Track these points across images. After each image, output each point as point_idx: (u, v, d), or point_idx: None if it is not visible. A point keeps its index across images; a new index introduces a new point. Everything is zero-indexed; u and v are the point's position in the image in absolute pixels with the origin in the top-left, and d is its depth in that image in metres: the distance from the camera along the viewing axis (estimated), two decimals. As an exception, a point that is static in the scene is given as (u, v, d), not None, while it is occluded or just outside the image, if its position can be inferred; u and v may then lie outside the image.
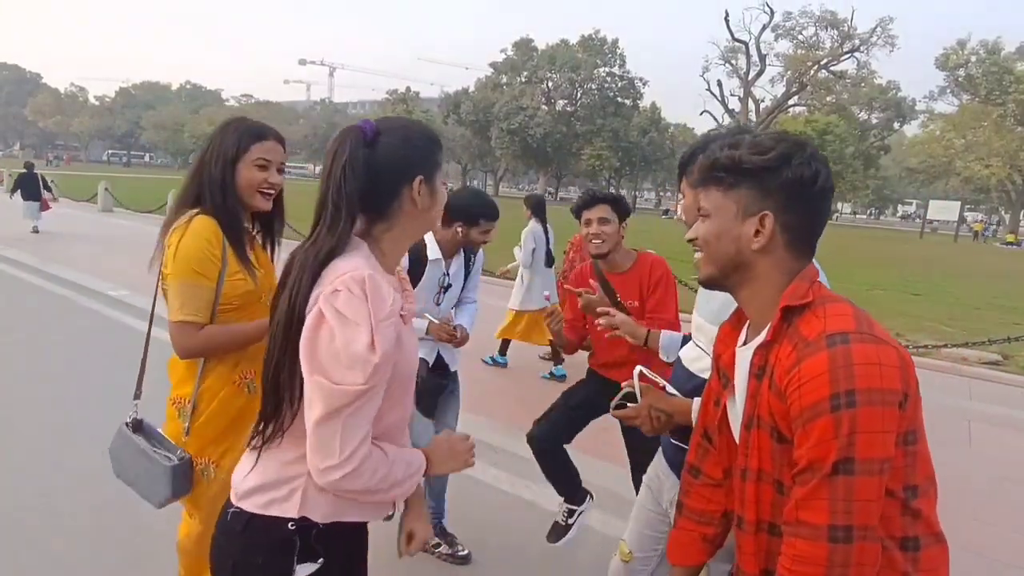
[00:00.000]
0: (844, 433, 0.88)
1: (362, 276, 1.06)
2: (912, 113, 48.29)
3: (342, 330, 1.04)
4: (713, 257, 1.09)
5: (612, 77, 47.45)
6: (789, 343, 0.97)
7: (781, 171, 1.01)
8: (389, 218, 1.19)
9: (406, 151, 1.18)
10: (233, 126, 1.69)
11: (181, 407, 1.66)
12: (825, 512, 0.89)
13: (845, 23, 38.59)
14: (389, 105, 57.01)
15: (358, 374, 1.02)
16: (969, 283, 14.04)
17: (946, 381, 5.90)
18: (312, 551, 1.12)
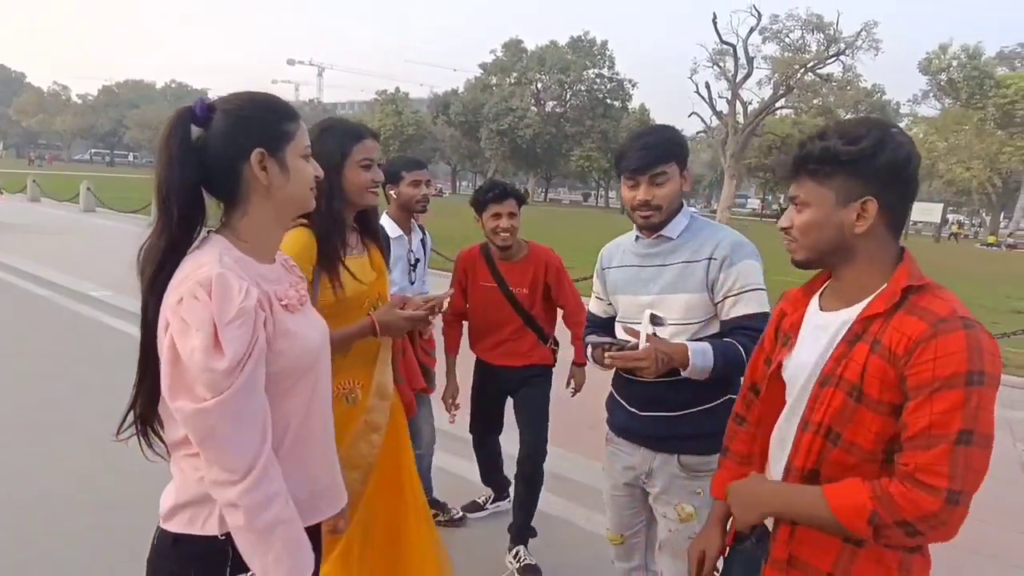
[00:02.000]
0: (972, 407, 0.97)
1: (208, 277, 0.99)
2: (897, 116, 48.90)
3: (183, 340, 0.98)
4: (812, 243, 1.15)
5: (601, 79, 47.65)
6: (910, 315, 1.04)
7: (877, 157, 1.07)
8: (241, 203, 1.11)
9: (237, 125, 1.09)
10: (329, 132, 1.66)
11: None
12: (946, 477, 0.97)
13: (831, 26, 38.95)
14: (378, 105, 56.83)
15: (209, 385, 0.96)
16: (950, 284, 14.11)
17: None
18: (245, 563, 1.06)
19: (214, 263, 1.02)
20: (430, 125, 54.26)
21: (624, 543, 1.90)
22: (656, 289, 1.70)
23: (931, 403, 0.98)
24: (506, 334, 2.59)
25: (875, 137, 1.07)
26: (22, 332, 5.69)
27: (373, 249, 1.82)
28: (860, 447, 1.09)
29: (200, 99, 1.11)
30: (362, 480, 1.69)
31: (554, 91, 47.06)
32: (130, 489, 2.91)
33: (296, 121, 1.15)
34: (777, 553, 1.17)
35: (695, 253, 1.67)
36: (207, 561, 1.07)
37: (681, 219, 1.72)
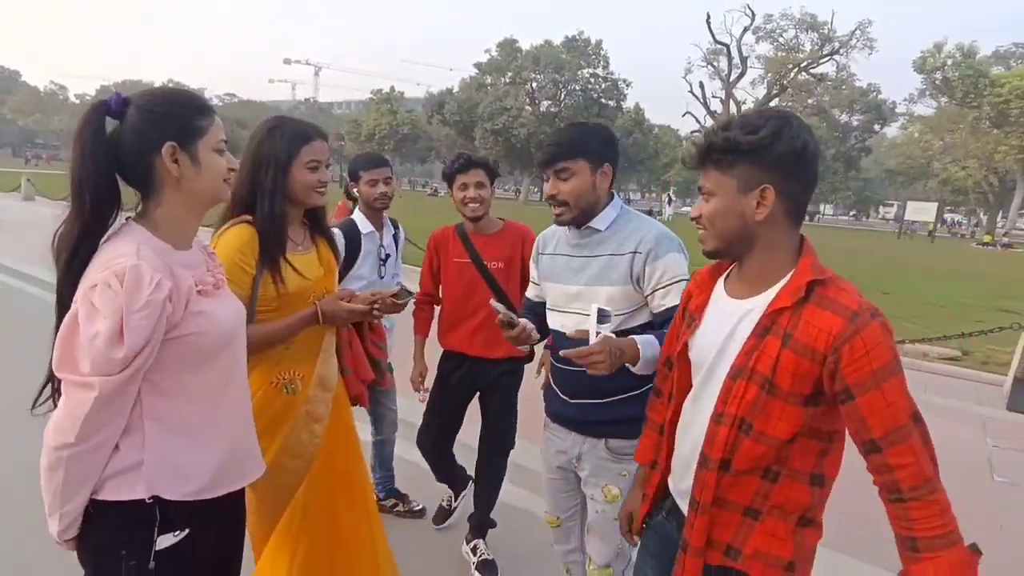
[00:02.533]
0: (907, 389, 1.04)
1: (123, 268, 1.07)
2: (893, 115, 49.00)
3: (88, 323, 1.06)
4: (719, 232, 1.19)
5: (596, 78, 47.58)
6: (823, 310, 1.08)
7: (774, 146, 1.11)
8: (155, 192, 1.18)
9: (149, 119, 1.15)
10: (279, 131, 1.67)
11: None
12: (931, 460, 1.03)
13: (825, 26, 39.11)
14: (373, 104, 56.77)
15: (98, 367, 1.05)
16: (940, 282, 14.28)
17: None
18: (173, 522, 1.18)
19: (131, 254, 1.08)
20: (425, 124, 54.20)
21: (560, 525, 1.97)
22: (583, 280, 1.73)
23: (883, 395, 1.03)
24: (481, 318, 2.47)
25: (773, 127, 1.11)
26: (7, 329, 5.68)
27: (322, 246, 1.85)
28: (772, 436, 1.13)
29: (116, 93, 1.17)
30: (303, 469, 1.72)
31: (549, 91, 47.00)
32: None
33: (209, 116, 1.21)
34: (696, 542, 1.19)
35: (620, 246, 1.70)
36: (136, 524, 1.15)
37: (610, 211, 1.74)
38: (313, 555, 1.76)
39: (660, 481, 1.40)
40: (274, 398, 1.70)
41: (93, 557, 1.18)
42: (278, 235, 1.66)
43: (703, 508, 1.18)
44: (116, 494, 1.14)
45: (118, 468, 1.14)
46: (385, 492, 3.02)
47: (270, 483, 1.65)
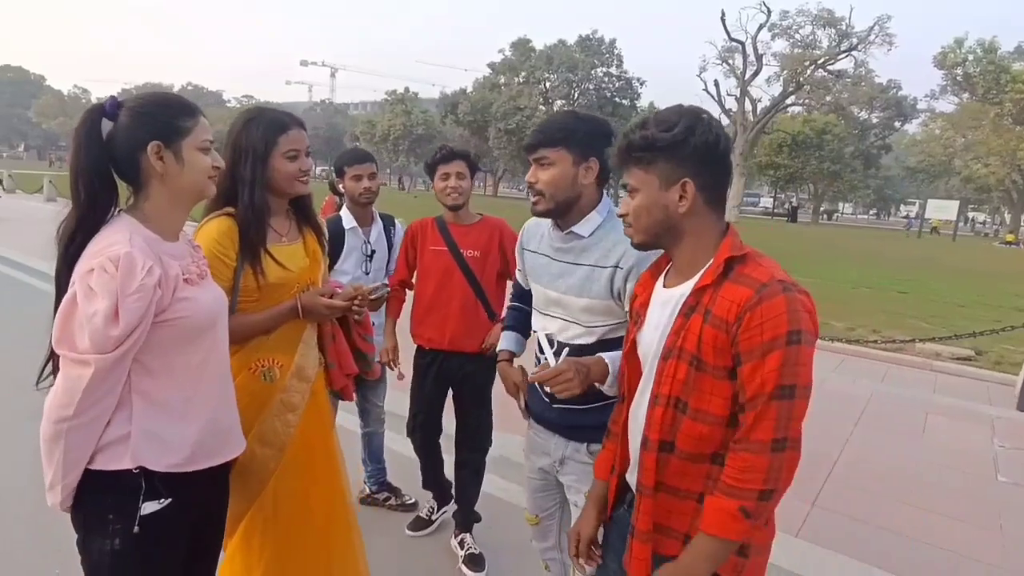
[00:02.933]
0: (791, 363, 1.06)
1: (118, 254, 1.18)
2: (913, 112, 48.16)
3: (87, 304, 1.16)
4: (645, 226, 1.23)
5: (610, 77, 47.45)
6: (736, 284, 1.12)
7: (689, 141, 1.16)
8: (144, 187, 1.30)
9: (135, 121, 1.26)
10: (255, 121, 1.67)
11: None
12: (771, 430, 1.07)
13: (842, 22, 38.50)
14: (388, 105, 57.11)
15: (97, 344, 1.16)
16: (958, 282, 14.03)
17: (914, 375, 5.95)
18: (157, 491, 1.28)
19: (124, 242, 1.20)
20: (439, 125, 54.39)
21: (540, 524, 1.94)
22: (563, 288, 1.67)
23: (762, 364, 1.07)
24: (454, 309, 2.45)
25: (686, 124, 1.16)
26: (25, 324, 5.82)
27: (309, 236, 1.84)
28: (708, 413, 1.15)
29: (112, 97, 1.29)
30: (275, 458, 1.72)
31: (562, 90, 46.95)
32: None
33: (194, 117, 1.31)
34: (642, 525, 1.22)
35: (602, 258, 1.61)
36: (122, 491, 1.26)
37: (595, 217, 1.65)
38: (285, 547, 1.75)
39: (619, 479, 1.40)
40: (251, 384, 1.70)
41: (84, 522, 1.28)
42: (258, 226, 1.66)
43: (647, 491, 1.21)
44: (106, 464, 1.24)
45: (108, 440, 1.24)
46: (377, 485, 3.03)
47: (239, 470, 1.67)
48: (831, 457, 3.80)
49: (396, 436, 3.52)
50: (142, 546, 1.27)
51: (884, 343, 6.89)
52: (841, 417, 4.57)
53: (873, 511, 3.20)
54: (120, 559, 1.27)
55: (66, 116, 78.91)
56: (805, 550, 2.79)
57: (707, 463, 1.18)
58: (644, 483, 1.22)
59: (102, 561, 1.28)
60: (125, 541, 1.26)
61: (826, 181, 47.99)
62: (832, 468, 3.66)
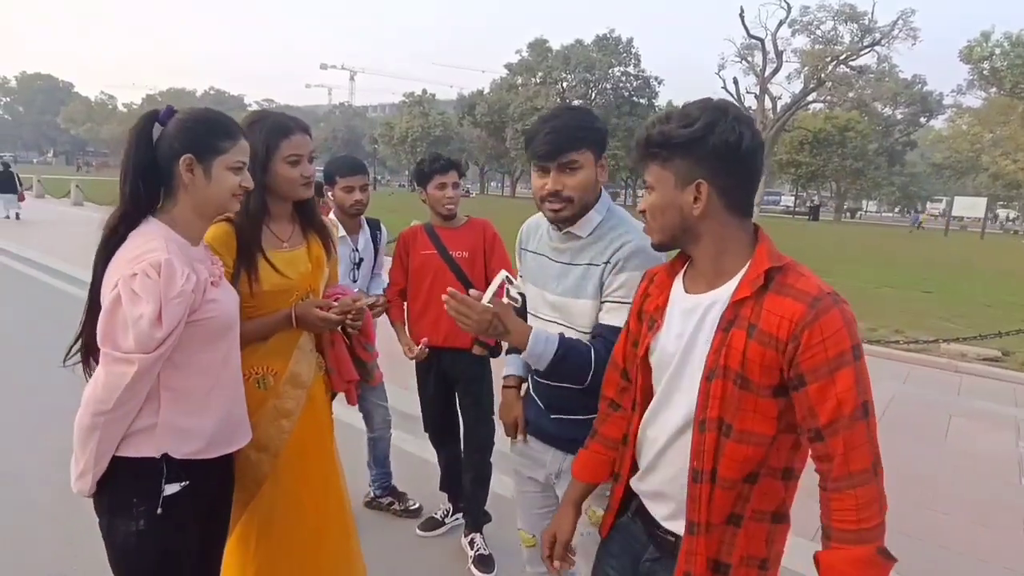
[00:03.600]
0: (862, 379, 1.01)
1: (159, 261, 1.26)
2: (939, 108, 47.15)
3: (132, 307, 1.25)
4: (661, 226, 1.17)
5: (627, 76, 47.19)
6: (783, 296, 1.05)
7: (707, 139, 1.08)
8: (173, 194, 1.39)
9: (177, 132, 1.36)
10: (258, 125, 1.64)
11: None
12: (868, 455, 1.01)
13: (865, 16, 37.79)
14: (406, 107, 57.45)
15: (142, 344, 1.25)
16: (984, 281, 13.69)
17: (937, 376, 5.82)
18: (177, 475, 1.38)
19: (162, 249, 1.29)
20: (456, 126, 54.59)
21: (536, 545, 1.80)
22: (560, 290, 1.59)
23: (834, 384, 1.00)
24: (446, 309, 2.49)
25: (707, 120, 1.08)
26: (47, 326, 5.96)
27: (314, 242, 1.81)
28: (753, 433, 1.08)
29: (168, 106, 1.40)
30: (268, 463, 1.72)
31: (579, 90, 46.77)
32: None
33: (233, 140, 1.41)
34: (698, 569, 1.13)
35: (598, 256, 1.54)
36: (145, 476, 1.35)
37: (594, 216, 1.56)
38: (277, 549, 1.74)
39: (624, 486, 1.33)
40: (247, 391, 1.65)
41: (109, 506, 1.37)
42: (254, 231, 1.64)
43: (702, 529, 1.11)
44: (134, 451, 1.33)
45: (136, 429, 1.33)
46: (381, 489, 3.02)
47: (235, 473, 1.66)
48: (849, 460, 3.73)
49: (407, 436, 3.54)
50: (164, 527, 1.36)
51: (907, 343, 6.75)
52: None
53: (892, 515, 3.09)
54: (144, 539, 1.36)
55: (93, 122, 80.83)
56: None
57: (740, 485, 1.10)
58: (699, 520, 1.11)
59: (128, 542, 1.36)
60: (149, 522, 1.35)
61: (849, 179, 47.22)
62: (850, 471, 3.58)
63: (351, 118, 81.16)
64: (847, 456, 1.01)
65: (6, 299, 7.22)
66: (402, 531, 2.84)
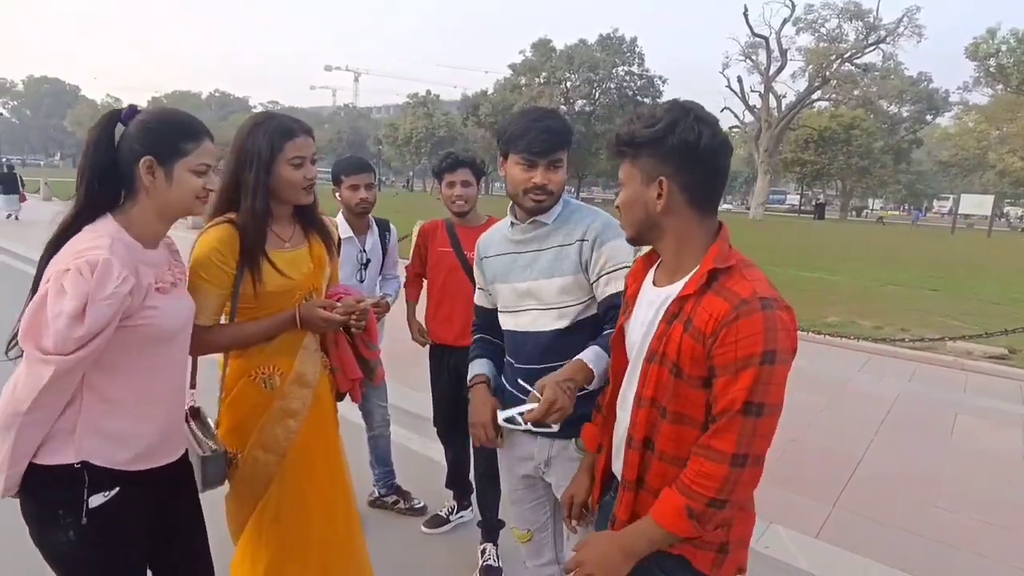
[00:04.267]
0: (763, 382, 1.06)
1: (97, 260, 1.20)
2: (945, 105, 46.87)
3: (55, 303, 1.18)
4: (630, 221, 1.24)
5: (631, 76, 47.05)
6: (717, 296, 1.11)
7: (667, 139, 1.14)
8: (133, 195, 1.35)
9: (138, 133, 1.32)
10: (261, 127, 1.63)
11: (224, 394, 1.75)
12: (733, 443, 1.08)
13: (870, 14, 37.66)
14: (410, 108, 57.54)
15: (59, 344, 1.17)
16: (992, 279, 13.61)
17: (943, 374, 5.79)
18: (102, 484, 1.29)
19: (105, 247, 1.23)
20: (460, 127, 54.62)
21: (532, 539, 1.84)
22: (533, 275, 1.69)
23: (735, 380, 1.07)
24: (459, 305, 2.52)
25: (668, 120, 1.14)
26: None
27: (315, 242, 1.81)
28: (687, 416, 1.17)
29: (130, 105, 1.36)
30: (275, 463, 1.74)
31: (583, 90, 46.74)
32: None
33: (197, 141, 1.36)
34: (622, 515, 1.25)
35: (567, 236, 1.67)
36: (66, 485, 1.27)
37: (557, 204, 1.71)
38: (286, 546, 1.77)
39: (605, 463, 1.41)
40: (251, 392, 1.71)
41: (37, 516, 1.30)
42: (257, 233, 1.63)
43: (629, 485, 1.24)
44: (50, 459, 1.26)
45: (54, 432, 1.26)
46: (386, 488, 3.02)
47: (243, 475, 1.72)
48: (854, 458, 3.72)
49: (411, 435, 3.56)
50: (98, 536, 1.29)
51: (913, 342, 6.73)
52: (865, 417, 4.47)
53: (897, 513, 3.13)
54: (78, 549, 1.29)
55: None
56: (826, 552, 2.74)
57: (682, 463, 1.18)
58: (627, 478, 1.25)
59: (61, 552, 1.31)
60: (78, 532, 1.28)
61: (854, 177, 47.00)
62: (855, 469, 3.58)
63: (355, 119, 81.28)
64: (716, 435, 1.09)
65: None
66: (407, 529, 2.86)
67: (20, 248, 10.82)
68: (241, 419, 1.73)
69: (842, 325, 7.67)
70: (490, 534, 2.64)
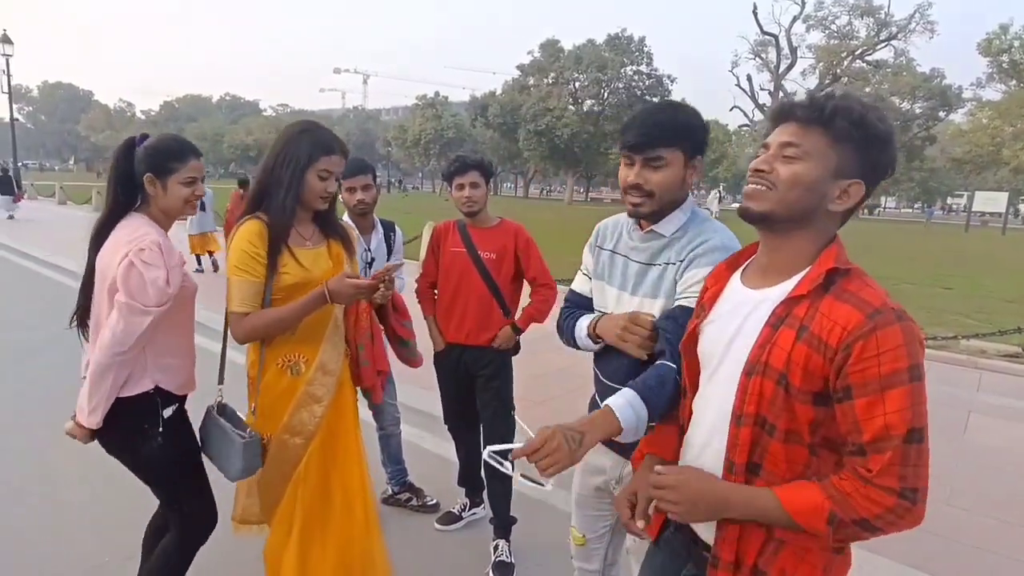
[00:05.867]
0: (917, 403, 0.95)
1: (156, 240, 1.70)
2: (959, 102, 46.34)
3: (149, 271, 1.65)
4: (786, 200, 1.05)
5: (640, 75, 46.85)
6: (841, 302, 0.99)
7: (888, 149, 1.03)
8: (146, 199, 1.81)
9: (143, 156, 1.78)
10: (307, 136, 1.82)
11: (250, 384, 1.92)
12: (897, 478, 0.96)
13: (881, 10, 37.39)
14: (419, 110, 57.70)
15: (159, 299, 1.66)
16: (1007, 277, 13.46)
17: (956, 373, 5.75)
18: (169, 400, 1.80)
19: (154, 232, 1.72)
20: (469, 128, 54.70)
21: (586, 545, 1.81)
22: (640, 292, 1.55)
23: (883, 402, 0.95)
24: (471, 304, 2.59)
25: (891, 130, 1.04)
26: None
27: (333, 241, 1.98)
28: (797, 435, 1.05)
29: (142, 134, 1.83)
30: (303, 446, 1.89)
31: (591, 90, 46.58)
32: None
33: (183, 161, 1.79)
34: (726, 555, 1.11)
35: (675, 255, 1.50)
36: (148, 405, 1.75)
37: (679, 215, 1.51)
38: (307, 528, 1.90)
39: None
40: (279, 378, 1.86)
41: (125, 436, 1.76)
42: (285, 227, 1.81)
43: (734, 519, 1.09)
44: (134, 389, 1.72)
45: (134, 370, 1.72)
46: (399, 485, 3.06)
47: (273, 458, 1.86)
48: (866, 456, 3.72)
49: (424, 434, 3.60)
50: (174, 437, 1.80)
51: (926, 340, 6.67)
52: (878, 416, 4.46)
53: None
54: (163, 450, 1.77)
55: (112, 129, 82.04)
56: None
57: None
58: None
59: (152, 456, 1.77)
60: (162, 437, 1.76)
61: (866, 175, 46.46)
62: (867, 467, 3.57)
63: (364, 121, 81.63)
64: (880, 470, 0.97)
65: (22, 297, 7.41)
66: (420, 526, 2.90)
67: (16, 244, 11.62)
68: (270, 404, 1.88)
69: (854, 324, 7.62)
70: (502, 531, 2.67)
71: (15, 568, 2.48)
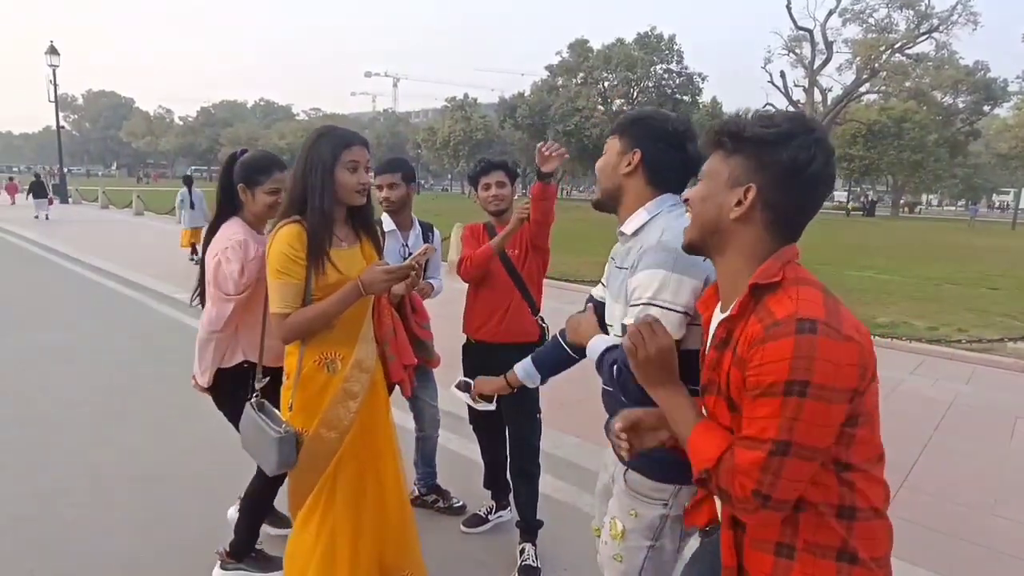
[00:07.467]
0: (788, 417, 0.93)
1: (239, 240, 2.13)
2: (1004, 95, 44.57)
3: (228, 266, 2.10)
4: (696, 219, 1.12)
5: (670, 74, 46.39)
6: (756, 318, 0.99)
7: (778, 148, 1.02)
8: (241, 205, 2.22)
9: (238, 169, 2.20)
10: (325, 138, 1.88)
11: (287, 381, 1.98)
12: (754, 481, 0.98)
13: (921, 2, 36.18)
14: (448, 112, 58.11)
15: (236, 287, 2.11)
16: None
17: (1003, 377, 5.53)
18: (265, 372, 2.16)
19: (242, 233, 2.16)
20: (498, 129, 54.85)
21: (600, 536, 1.75)
22: (621, 297, 1.48)
23: (755, 409, 0.98)
24: (499, 303, 2.62)
25: (787, 128, 1.03)
26: (105, 327, 6.31)
27: (366, 241, 2.05)
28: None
29: (243, 149, 2.29)
30: (337, 441, 1.95)
31: (621, 89, 46.28)
32: (174, 466, 3.26)
33: (268, 175, 2.21)
34: (728, 560, 1.13)
35: (633, 258, 1.46)
36: (243, 374, 2.19)
37: (641, 214, 1.48)
38: (341, 519, 1.96)
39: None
40: (317, 375, 1.92)
41: (229, 401, 2.23)
42: (325, 229, 1.85)
43: (726, 523, 1.15)
44: (231, 361, 2.22)
45: (231, 345, 2.20)
46: (426, 487, 3.08)
47: (308, 451, 1.93)
48: (906, 464, 3.60)
49: (451, 436, 3.61)
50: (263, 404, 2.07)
51: (970, 343, 6.45)
52: (918, 421, 4.31)
53: (950, 521, 3.00)
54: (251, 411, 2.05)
55: (152, 135, 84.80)
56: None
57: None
58: (723, 515, 1.15)
59: (248, 411, 2.05)
60: (253, 399, 2.08)
61: (907, 172, 45.14)
62: (907, 475, 3.46)
63: (395, 124, 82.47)
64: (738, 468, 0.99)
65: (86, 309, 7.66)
66: (446, 528, 2.90)
67: (48, 242, 12.63)
68: (305, 401, 1.94)
69: (894, 326, 7.41)
70: (529, 534, 2.65)
71: (59, 559, 2.56)
